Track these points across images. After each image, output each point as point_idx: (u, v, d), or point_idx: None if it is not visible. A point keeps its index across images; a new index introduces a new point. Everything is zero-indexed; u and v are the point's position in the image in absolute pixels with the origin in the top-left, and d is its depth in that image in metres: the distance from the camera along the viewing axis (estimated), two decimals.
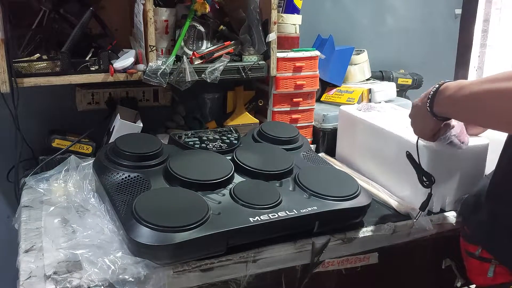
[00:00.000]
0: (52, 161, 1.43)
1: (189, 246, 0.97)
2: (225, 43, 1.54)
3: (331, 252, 1.15)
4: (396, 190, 1.33)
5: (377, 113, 1.49)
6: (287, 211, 1.07)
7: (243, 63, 1.55)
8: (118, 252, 0.98)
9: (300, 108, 1.67)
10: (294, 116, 1.66)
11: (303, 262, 1.13)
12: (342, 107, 1.58)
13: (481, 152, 1.25)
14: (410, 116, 1.14)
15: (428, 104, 1.03)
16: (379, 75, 2.04)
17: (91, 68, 1.41)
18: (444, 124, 1.12)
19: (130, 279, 0.94)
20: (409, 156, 1.19)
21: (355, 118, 1.48)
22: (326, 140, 1.68)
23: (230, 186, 1.15)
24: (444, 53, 2.31)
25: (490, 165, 1.13)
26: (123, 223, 1.00)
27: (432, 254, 1.31)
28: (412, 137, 1.20)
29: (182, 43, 1.50)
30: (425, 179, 1.17)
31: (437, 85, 1.02)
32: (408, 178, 1.26)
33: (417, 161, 1.17)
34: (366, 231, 1.18)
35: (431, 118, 1.05)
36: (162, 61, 1.43)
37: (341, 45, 1.90)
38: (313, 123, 1.71)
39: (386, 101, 1.73)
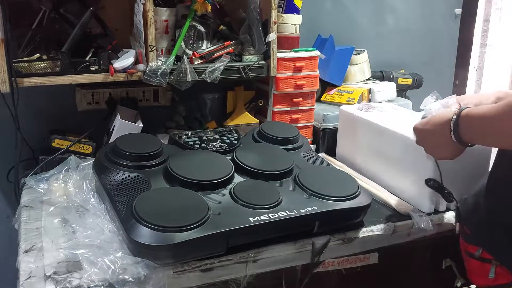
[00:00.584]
0: (52, 161, 1.43)
1: (189, 246, 0.97)
2: (225, 43, 1.54)
3: (331, 252, 1.15)
4: (400, 190, 1.33)
5: (379, 113, 1.49)
6: (287, 211, 1.07)
7: (243, 63, 1.54)
8: (118, 252, 0.98)
9: (300, 108, 1.67)
10: (294, 116, 1.66)
11: (303, 262, 1.13)
12: (342, 107, 1.58)
13: (485, 152, 1.25)
14: (425, 142, 1.10)
15: (453, 134, 1.00)
16: (379, 75, 2.04)
17: (91, 68, 1.41)
18: None
19: (130, 279, 0.94)
20: (429, 182, 1.20)
21: (356, 118, 1.48)
22: (326, 140, 1.68)
23: (230, 186, 1.15)
24: (444, 53, 2.31)
25: None
26: (123, 223, 1.00)
27: (432, 254, 1.31)
28: None
29: (182, 43, 1.50)
30: (447, 196, 1.21)
31: (456, 115, 0.99)
32: (413, 178, 1.27)
33: (441, 183, 1.19)
34: (366, 231, 1.18)
35: (458, 145, 1.02)
36: (162, 61, 1.43)
37: (341, 45, 1.90)
38: (313, 123, 1.71)
39: (386, 101, 1.73)
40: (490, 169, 1.12)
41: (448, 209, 1.27)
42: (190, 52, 1.50)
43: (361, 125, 1.47)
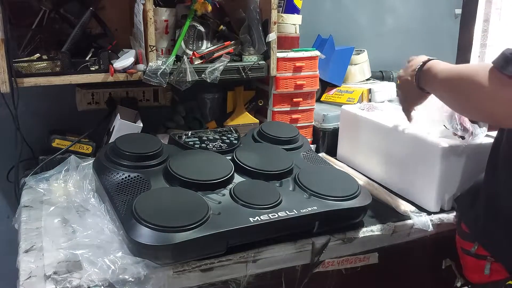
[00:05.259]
0: (52, 161, 1.43)
1: (189, 246, 0.97)
2: (225, 43, 1.54)
3: (331, 252, 1.15)
4: (404, 189, 1.33)
5: (381, 113, 1.49)
6: (287, 211, 1.07)
7: (243, 63, 1.54)
8: (118, 252, 0.98)
9: (300, 108, 1.67)
10: (294, 116, 1.66)
11: (303, 262, 1.13)
12: (344, 106, 1.58)
13: (485, 150, 1.25)
14: (399, 88, 1.19)
15: (415, 79, 1.08)
16: (379, 75, 2.04)
17: (91, 68, 1.41)
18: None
19: (130, 279, 0.94)
20: None
21: (359, 118, 1.48)
22: (326, 140, 1.68)
23: (230, 186, 1.15)
24: (444, 53, 2.31)
25: None
26: (123, 223, 1.00)
27: (432, 254, 1.31)
28: (425, 135, 1.24)
29: (182, 43, 1.50)
30: None
31: (422, 63, 1.06)
32: (418, 177, 1.27)
33: None
34: (366, 231, 1.18)
35: (418, 91, 1.10)
36: (162, 61, 1.43)
37: (341, 45, 1.90)
38: (313, 123, 1.71)
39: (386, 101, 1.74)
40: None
41: (453, 209, 1.27)
42: (190, 52, 1.50)
43: (363, 125, 1.47)
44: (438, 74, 1.01)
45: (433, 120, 1.25)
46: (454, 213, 1.26)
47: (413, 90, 1.11)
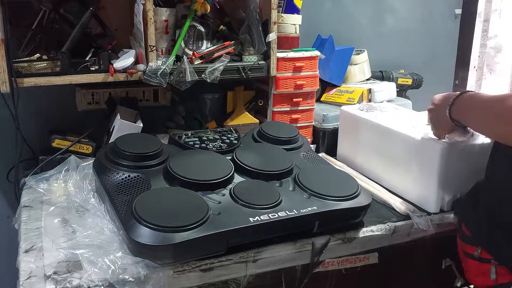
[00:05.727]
0: (52, 161, 1.43)
1: (189, 246, 0.97)
2: (225, 43, 1.54)
3: (331, 252, 1.15)
4: (404, 190, 1.33)
5: (380, 113, 1.49)
6: (287, 211, 1.07)
7: (243, 63, 1.54)
8: (118, 252, 0.99)
9: (300, 108, 1.67)
10: (294, 116, 1.66)
11: (303, 262, 1.13)
12: (343, 107, 1.58)
13: (485, 151, 1.25)
14: (430, 114, 1.19)
15: (448, 109, 1.08)
16: (379, 75, 2.04)
17: (91, 68, 1.41)
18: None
19: (130, 279, 0.94)
20: None
21: (358, 118, 1.48)
22: (326, 140, 1.68)
23: (230, 186, 1.15)
24: (444, 53, 2.31)
25: None
26: (123, 223, 1.00)
27: (432, 254, 1.31)
28: (421, 136, 1.24)
29: (182, 43, 1.50)
30: None
31: (459, 93, 1.07)
32: (418, 178, 1.27)
33: None
34: (366, 231, 1.18)
35: (448, 120, 1.10)
36: (162, 61, 1.43)
37: (341, 45, 1.90)
38: (313, 123, 1.71)
39: (386, 101, 1.73)
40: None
41: (442, 210, 1.27)
42: (190, 52, 1.50)
43: (363, 125, 1.47)
44: (473, 102, 1.03)
45: None
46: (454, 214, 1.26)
47: (443, 120, 1.12)
